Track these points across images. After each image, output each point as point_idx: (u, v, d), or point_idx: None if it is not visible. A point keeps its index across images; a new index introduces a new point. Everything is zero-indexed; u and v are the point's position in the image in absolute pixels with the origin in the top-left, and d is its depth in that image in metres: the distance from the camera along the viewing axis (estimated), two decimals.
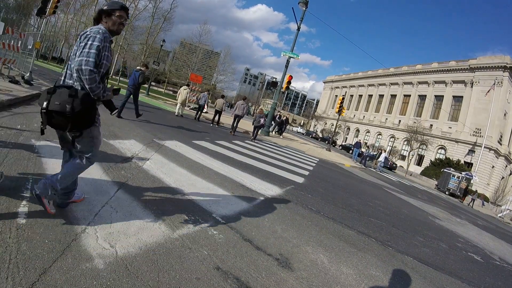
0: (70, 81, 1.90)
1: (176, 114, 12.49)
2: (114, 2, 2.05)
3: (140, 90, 9.42)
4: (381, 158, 18.54)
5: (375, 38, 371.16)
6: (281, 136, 18.86)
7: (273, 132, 19.66)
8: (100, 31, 1.88)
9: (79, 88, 1.84)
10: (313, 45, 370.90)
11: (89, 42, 1.80)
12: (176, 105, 12.89)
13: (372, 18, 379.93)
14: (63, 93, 1.74)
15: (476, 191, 27.83)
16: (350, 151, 32.38)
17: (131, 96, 8.44)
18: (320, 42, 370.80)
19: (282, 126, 20.53)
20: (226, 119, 15.11)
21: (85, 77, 1.76)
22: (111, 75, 46.13)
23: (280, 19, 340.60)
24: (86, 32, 1.88)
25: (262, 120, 11.86)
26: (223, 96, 14.45)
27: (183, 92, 12.70)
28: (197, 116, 13.22)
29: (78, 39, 1.88)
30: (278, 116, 20.75)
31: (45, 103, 1.71)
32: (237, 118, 11.73)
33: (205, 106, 15.61)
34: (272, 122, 19.39)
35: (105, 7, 2.00)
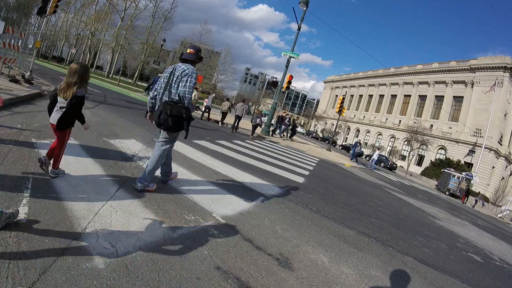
0: (175, 98, 2.79)
1: None
2: (200, 49, 2.98)
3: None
4: (374, 156, 18.48)
5: (376, 38, 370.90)
6: (291, 140, 18.35)
7: (286, 136, 18.81)
8: (194, 71, 2.78)
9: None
10: (314, 45, 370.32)
11: (189, 79, 2.72)
12: None
13: (373, 18, 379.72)
14: (177, 106, 2.72)
15: (479, 193, 27.81)
16: (350, 151, 32.28)
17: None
18: (321, 42, 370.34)
19: (294, 130, 19.82)
20: (228, 119, 15.58)
21: (186, 101, 2.75)
22: (111, 74, 46.18)
23: (281, 19, 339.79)
24: (184, 69, 2.75)
25: (258, 120, 13.05)
26: (228, 99, 16.18)
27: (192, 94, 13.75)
28: (202, 116, 14.81)
29: (175, 72, 2.77)
30: (288, 119, 19.59)
31: (169, 111, 2.66)
32: (238, 118, 12.73)
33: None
34: (282, 126, 18.72)
35: (201, 54, 2.96)
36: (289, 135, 19.22)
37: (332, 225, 3.68)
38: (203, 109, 15.56)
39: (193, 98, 13.64)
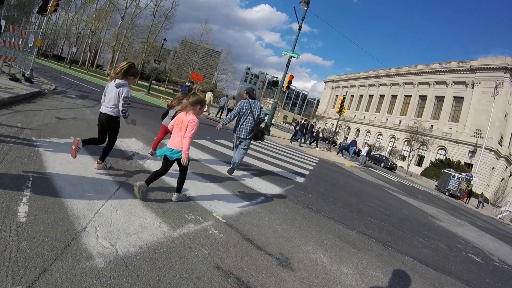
0: (260, 117, 4.76)
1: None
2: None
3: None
4: (364, 152, 18.10)
5: (377, 38, 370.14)
6: (317, 148, 17.75)
7: (310, 144, 18.13)
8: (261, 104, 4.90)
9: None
10: (315, 46, 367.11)
11: (263, 109, 4.82)
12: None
13: (375, 18, 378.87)
14: (261, 127, 4.89)
15: (482, 194, 27.86)
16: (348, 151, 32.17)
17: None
18: (322, 43, 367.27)
19: (318, 137, 18.93)
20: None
21: (264, 120, 5.03)
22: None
23: (283, 19, 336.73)
24: (260, 105, 4.81)
25: None
26: (234, 98, 18.63)
27: (207, 96, 16.44)
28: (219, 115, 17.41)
29: (254, 106, 4.72)
30: (307, 125, 17.37)
31: (262, 130, 4.91)
32: None
33: (206, 106, 17.26)
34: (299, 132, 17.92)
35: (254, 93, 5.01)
36: (310, 141, 18.38)
37: (332, 225, 3.68)
38: (204, 109, 16.34)
39: (209, 101, 16.44)
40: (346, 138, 20.38)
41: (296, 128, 16.85)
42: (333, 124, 59.22)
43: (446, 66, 43.07)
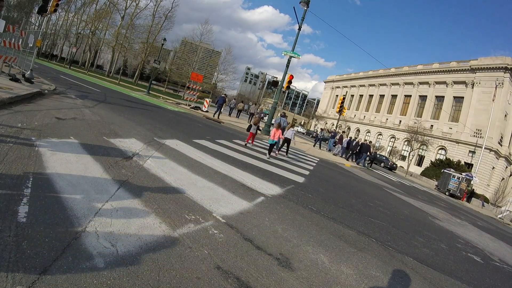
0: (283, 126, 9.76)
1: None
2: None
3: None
4: (344, 144, 17.50)
5: (378, 39, 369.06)
6: (371, 169, 16.55)
7: (365, 166, 16.60)
8: (286, 120, 10.85)
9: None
10: (318, 47, 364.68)
11: (286, 123, 10.70)
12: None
13: (376, 19, 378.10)
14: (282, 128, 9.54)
15: (474, 190, 27.96)
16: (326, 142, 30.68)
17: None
18: (324, 44, 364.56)
19: (375, 158, 17.28)
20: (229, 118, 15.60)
21: (285, 126, 10.31)
22: (112, 73, 46.19)
23: (285, 21, 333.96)
24: (285, 120, 10.62)
25: (262, 114, 15.94)
26: (242, 101, 21.88)
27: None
28: (238, 115, 21.38)
29: (282, 119, 10.38)
30: (355, 141, 16.31)
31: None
32: (251, 115, 17.67)
33: (206, 105, 17.38)
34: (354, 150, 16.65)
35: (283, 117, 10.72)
36: (367, 163, 16.99)
37: (332, 225, 3.68)
38: (204, 109, 16.79)
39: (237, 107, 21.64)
40: (322, 129, 20.40)
41: (361, 151, 16.09)
42: (333, 124, 59.22)
43: (446, 66, 43.07)
